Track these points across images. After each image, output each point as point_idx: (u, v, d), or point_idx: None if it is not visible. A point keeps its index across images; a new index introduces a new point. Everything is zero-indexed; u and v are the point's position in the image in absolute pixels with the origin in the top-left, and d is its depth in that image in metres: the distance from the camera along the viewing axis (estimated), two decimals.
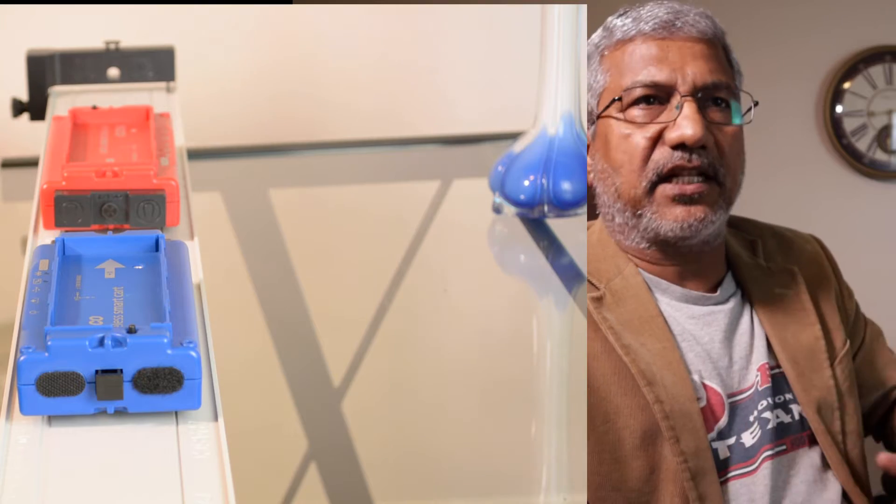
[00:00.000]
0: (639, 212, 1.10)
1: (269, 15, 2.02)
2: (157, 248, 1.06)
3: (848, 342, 1.17)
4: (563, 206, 1.62)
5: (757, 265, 1.17)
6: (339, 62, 2.04)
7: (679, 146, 1.08)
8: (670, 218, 1.09)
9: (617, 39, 1.12)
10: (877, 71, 2.48)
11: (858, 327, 1.25)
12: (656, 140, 1.09)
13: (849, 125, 2.48)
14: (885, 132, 2.48)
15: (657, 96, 1.09)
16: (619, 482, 1.06)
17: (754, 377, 1.11)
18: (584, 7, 1.60)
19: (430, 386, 1.38)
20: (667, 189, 1.08)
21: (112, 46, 1.65)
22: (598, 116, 1.12)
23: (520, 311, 1.56)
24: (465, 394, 1.37)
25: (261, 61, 2.03)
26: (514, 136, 1.66)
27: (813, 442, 1.12)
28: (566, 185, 1.61)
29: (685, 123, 1.07)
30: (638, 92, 1.09)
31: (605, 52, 1.13)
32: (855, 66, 2.48)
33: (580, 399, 1.09)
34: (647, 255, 1.13)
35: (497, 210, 1.64)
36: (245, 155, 1.89)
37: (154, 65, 1.65)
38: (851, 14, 2.46)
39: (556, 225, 1.62)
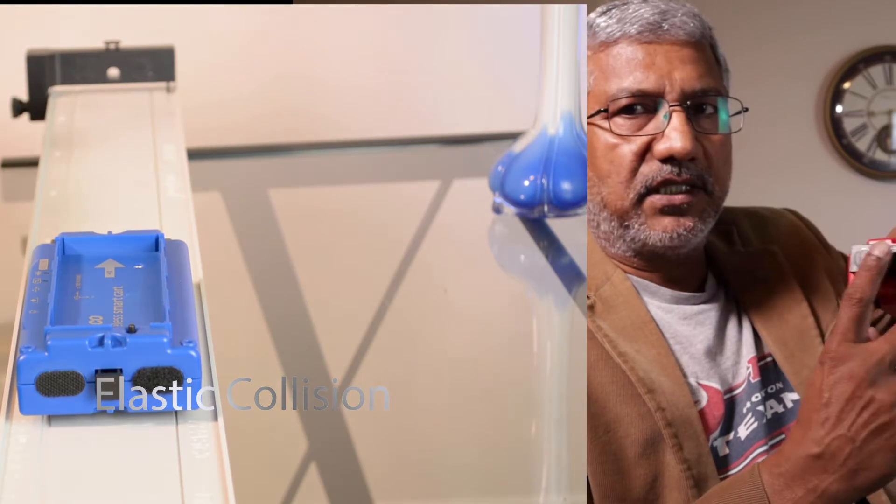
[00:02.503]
0: (626, 222, 1.08)
1: (269, 15, 2.02)
2: (156, 247, 1.06)
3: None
4: (563, 206, 1.62)
5: (734, 252, 1.16)
6: (339, 62, 2.03)
7: (668, 159, 1.06)
8: (659, 229, 1.08)
9: (601, 41, 1.08)
10: (877, 71, 2.48)
11: None
12: (644, 152, 1.07)
13: (849, 125, 2.48)
14: (885, 132, 2.48)
15: (644, 104, 1.07)
16: (624, 492, 1.05)
17: (745, 371, 1.11)
18: (584, 7, 1.60)
19: (430, 386, 1.38)
20: (655, 200, 1.07)
21: (112, 46, 1.65)
22: (587, 123, 1.09)
23: (520, 311, 1.56)
24: (465, 394, 1.37)
25: (261, 61, 2.03)
26: (514, 136, 1.66)
27: None
28: (566, 185, 1.61)
29: (675, 136, 1.06)
30: (624, 101, 1.07)
31: (589, 53, 1.09)
32: (855, 66, 2.48)
33: (580, 399, 1.09)
34: (633, 262, 1.12)
35: (497, 210, 1.64)
36: (245, 155, 1.89)
37: (154, 65, 1.65)
38: (851, 14, 2.46)
39: (556, 225, 1.62)
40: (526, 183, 1.61)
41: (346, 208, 1.78)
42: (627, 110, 1.07)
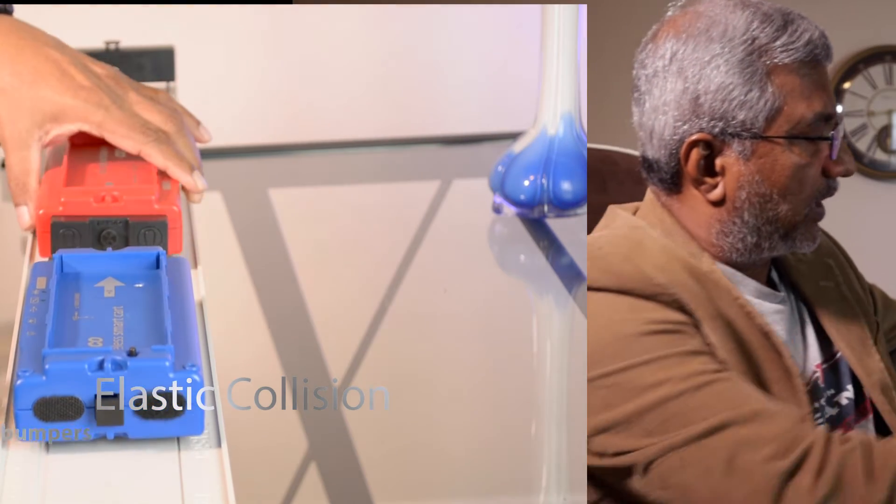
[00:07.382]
0: (791, 234, 1.11)
1: (269, 15, 2.01)
2: (157, 265, 1.05)
3: (877, 322, 1.20)
4: (563, 206, 1.62)
5: (799, 260, 1.18)
6: (339, 62, 2.03)
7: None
8: (811, 237, 1.12)
9: (797, 59, 1.08)
10: (877, 71, 2.47)
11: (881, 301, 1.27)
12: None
13: (849, 125, 2.47)
14: (885, 132, 2.48)
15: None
16: None
17: (813, 374, 1.13)
18: (583, 7, 1.60)
19: (430, 386, 1.38)
20: (819, 212, 1.12)
21: (112, 46, 1.65)
22: (765, 137, 1.09)
23: (520, 311, 1.56)
24: (464, 394, 1.37)
25: (261, 61, 2.03)
26: (514, 136, 1.66)
27: (862, 418, 1.15)
28: (566, 185, 1.61)
29: (848, 159, 1.11)
30: (820, 125, 1.09)
31: (770, 67, 1.08)
32: (855, 66, 2.47)
33: (580, 399, 1.09)
34: (737, 264, 1.13)
35: (497, 210, 1.64)
36: (245, 155, 1.89)
37: (154, 65, 1.65)
38: (851, 14, 2.46)
39: (556, 225, 1.62)
40: (526, 183, 1.61)
41: (346, 208, 1.78)
42: (815, 131, 1.10)
